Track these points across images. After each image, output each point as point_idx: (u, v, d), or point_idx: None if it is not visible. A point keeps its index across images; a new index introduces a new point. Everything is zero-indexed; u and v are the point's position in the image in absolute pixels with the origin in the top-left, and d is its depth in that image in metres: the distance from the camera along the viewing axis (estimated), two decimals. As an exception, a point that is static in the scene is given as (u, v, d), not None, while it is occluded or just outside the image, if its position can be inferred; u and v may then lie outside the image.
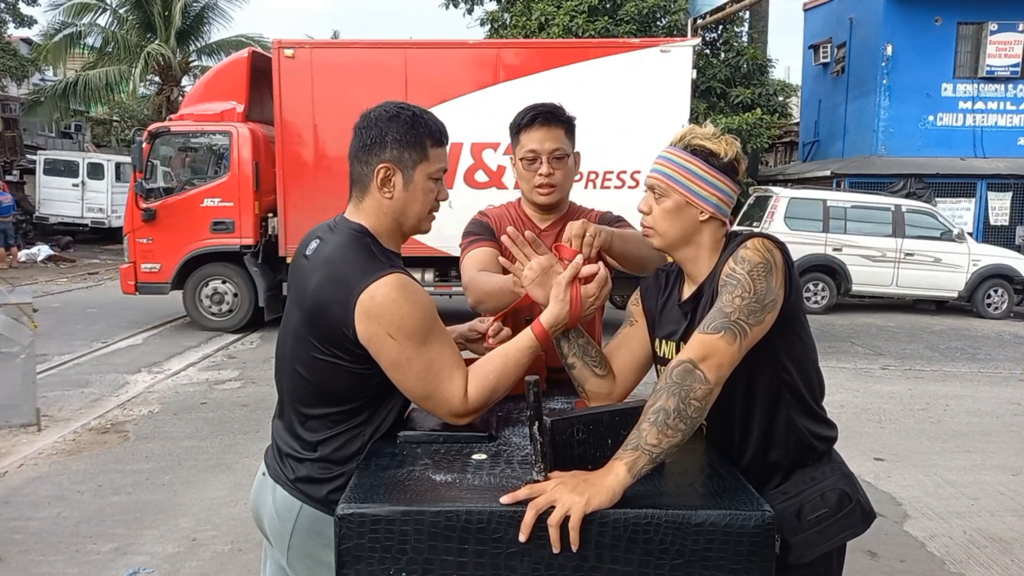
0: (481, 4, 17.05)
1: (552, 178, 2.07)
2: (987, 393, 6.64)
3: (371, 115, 1.55)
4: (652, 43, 8.45)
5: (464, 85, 8.33)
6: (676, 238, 1.56)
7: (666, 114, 8.13)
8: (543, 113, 2.06)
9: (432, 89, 8.19)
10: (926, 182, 15.15)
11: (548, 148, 2.05)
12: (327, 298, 1.44)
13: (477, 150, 8.35)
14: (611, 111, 8.15)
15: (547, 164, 2.06)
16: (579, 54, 8.48)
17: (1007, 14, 15.54)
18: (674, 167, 1.54)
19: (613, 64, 8.30)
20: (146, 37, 22.78)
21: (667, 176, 1.54)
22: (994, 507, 4.10)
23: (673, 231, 1.55)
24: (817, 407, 1.60)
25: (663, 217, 1.55)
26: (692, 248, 1.57)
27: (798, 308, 1.52)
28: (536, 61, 8.44)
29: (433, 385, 1.46)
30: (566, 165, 2.10)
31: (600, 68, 8.28)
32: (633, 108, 8.21)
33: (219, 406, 5.78)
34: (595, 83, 8.22)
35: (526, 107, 2.13)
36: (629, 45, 8.58)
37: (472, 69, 8.45)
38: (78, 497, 4.03)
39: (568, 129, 2.10)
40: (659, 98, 8.21)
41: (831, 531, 1.52)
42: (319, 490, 1.51)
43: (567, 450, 1.34)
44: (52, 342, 7.91)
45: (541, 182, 2.07)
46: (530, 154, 2.06)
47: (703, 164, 1.53)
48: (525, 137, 2.07)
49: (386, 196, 1.53)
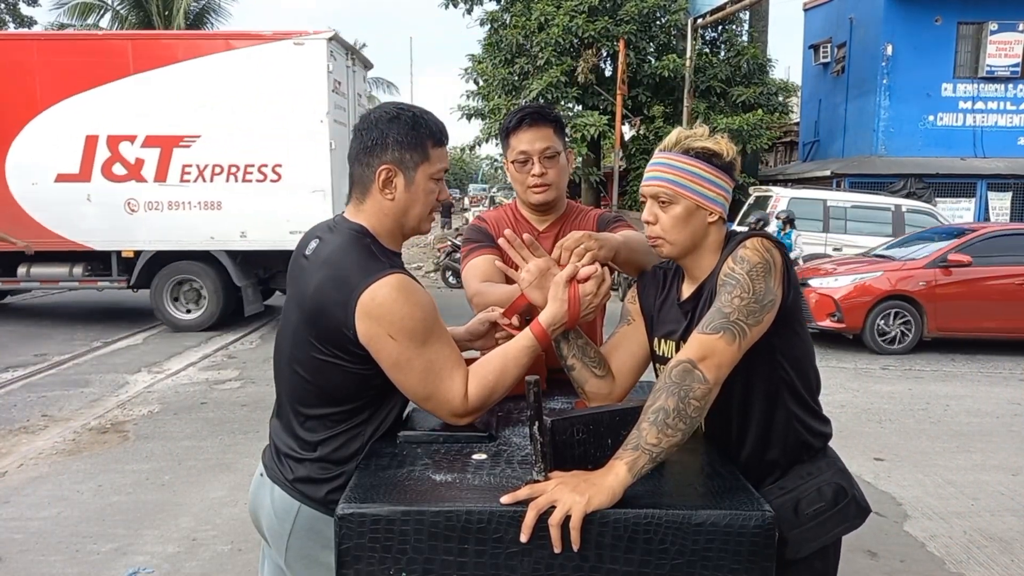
0: (481, 4, 17.06)
1: (545, 177, 2.07)
2: (987, 393, 6.64)
3: (371, 117, 1.55)
4: (285, 35, 8.41)
5: (98, 77, 8.29)
6: (687, 244, 1.55)
7: (304, 107, 8.20)
8: (530, 114, 2.06)
9: (65, 82, 8.23)
10: (926, 182, 15.16)
11: (539, 148, 2.05)
12: (328, 298, 1.44)
13: (113, 143, 8.34)
14: (250, 103, 8.24)
15: (539, 164, 2.06)
16: (215, 46, 8.48)
17: (1007, 14, 15.56)
18: (680, 173, 1.52)
19: (249, 56, 8.31)
20: (146, 37, 22.78)
21: (674, 182, 1.52)
22: (994, 507, 4.09)
23: (683, 238, 1.54)
24: (814, 404, 1.60)
25: (673, 225, 1.53)
26: (698, 250, 1.57)
27: (796, 307, 1.52)
28: (171, 53, 8.43)
29: (434, 385, 1.46)
30: (558, 163, 2.09)
31: (236, 60, 8.31)
32: (271, 100, 8.24)
33: (219, 406, 5.78)
34: (232, 75, 8.28)
35: (513, 110, 2.14)
36: (263, 37, 8.48)
37: (106, 61, 8.37)
38: (78, 497, 4.03)
39: (557, 127, 2.09)
40: (296, 91, 8.22)
41: (827, 526, 1.53)
42: (318, 490, 1.51)
43: (567, 450, 1.34)
44: (52, 342, 7.91)
45: (535, 182, 2.07)
46: (521, 156, 2.06)
47: (707, 166, 1.53)
48: (515, 140, 2.07)
49: (388, 197, 1.53)
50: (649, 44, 15.92)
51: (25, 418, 5.42)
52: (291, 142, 8.28)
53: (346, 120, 8.96)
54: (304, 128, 8.24)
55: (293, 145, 8.28)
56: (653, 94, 15.88)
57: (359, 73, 9.67)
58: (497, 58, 16.11)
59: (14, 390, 6.18)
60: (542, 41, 14.88)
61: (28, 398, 5.94)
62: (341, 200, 8.63)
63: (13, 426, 5.23)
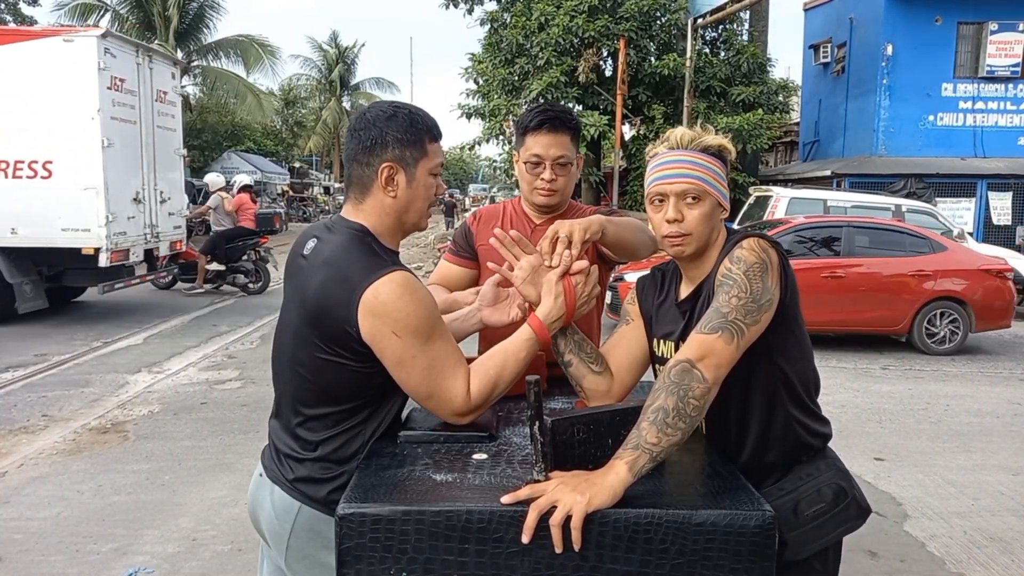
0: (481, 4, 17.05)
1: (554, 183, 2.06)
2: (987, 393, 6.64)
3: (367, 116, 1.55)
4: (55, 32, 8.31)
5: None
6: (707, 240, 1.55)
7: (75, 104, 8.11)
8: (551, 118, 2.04)
9: None
10: (926, 182, 15.15)
11: (553, 155, 2.04)
12: (330, 298, 1.44)
13: None
14: (19, 100, 8.15)
15: (550, 170, 2.05)
16: None
17: (1007, 14, 15.55)
18: (705, 170, 1.52)
19: (18, 52, 8.21)
20: (146, 36, 22.80)
21: (702, 180, 1.52)
22: (994, 507, 4.09)
23: (707, 235, 1.54)
24: (813, 404, 1.60)
25: (701, 221, 1.52)
26: (707, 249, 1.57)
27: (794, 307, 1.53)
28: None
29: (436, 383, 1.46)
30: (569, 172, 2.09)
31: (3, 56, 8.20)
32: (41, 97, 8.16)
33: (219, 406, 5.78)
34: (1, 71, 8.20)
35: (535, 108, 2.11)
36: (32, 34, 8.38)
37: None
38: (78, 497, 4.03)
39: (574, 135, 2.09)
40: (66, 88, 8.14)
41: (828, 527, 1.53)
42: (319, 490, 1.51)
43: (567, 450, 1.34)
44: (52, 342, 7.91)
45: (543, 187, 2.06)
46: (534, 158, 2.05)
47: (721, 164, 1.55)
48: (531, 140, 2.05)
49: (390, 195, 1.54)
50: (649, 44, 15.91)
51: (25, 418, 5.42)
52: (61, 139, 8.20)
53: (135, 118, 8.88)
54: (75, 125, 8.15)
55: (63, 143, 8.20)
56: (653, 94, 15.88)
57: (161, 70, 9.54)
58: (497, 58, 16.11)
59: (14, 390, 6.18)
60: (542, 41, 14.87)
61: (28, 398, 5.94)
62: (117, 198, 8.50)
63: (13, 426, 5.23)
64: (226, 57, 26.22)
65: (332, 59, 43.58)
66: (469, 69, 16.99)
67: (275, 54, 26.86)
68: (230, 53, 26.07)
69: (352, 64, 44.59)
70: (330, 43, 44.14)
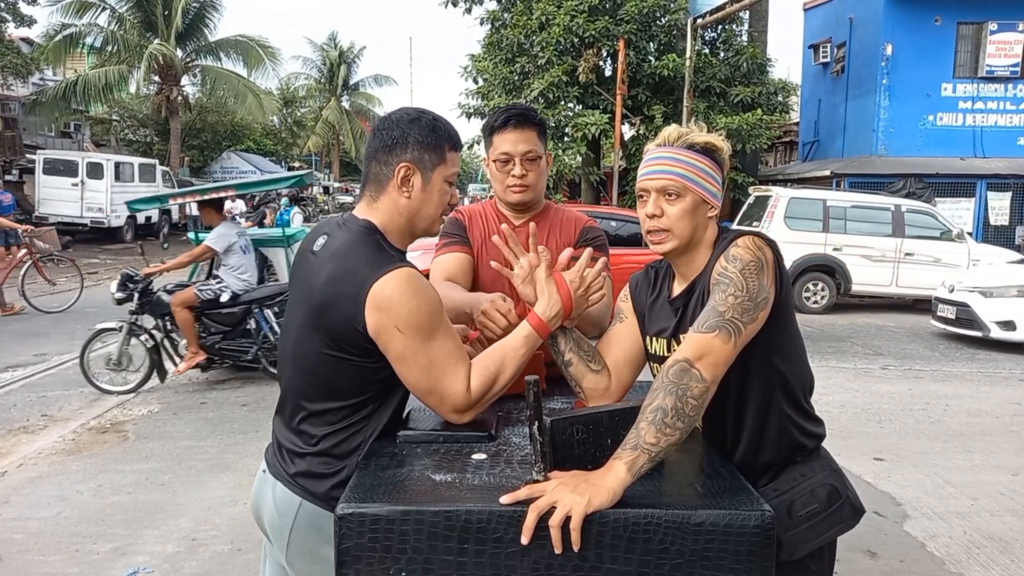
0: (481, 3, 17.03)
1: (525, 179, 2.09)
2: (987, 393, 6.64)
3: (392, 117, 1.59)
4: None
5: None
6: (689, 238, 1.56)
7: None
8: (516, 115, 2.08)
9: None
10: (926, 182, 15.15)
11: (521, 150, 2.07)
12: (337, 292, 1.45)
13: None
14: None
15: (520, 166, 2.08)
16: None
17: (1007, 14, 15.55)
18: (687, 167, 1.54)
19: None
20: (146, 36, 22.78)
21: (683, 176, 1.53)
22: (994, 507, 4.09)
23: (688, 231, 1.55)
24: (807, 404, 1.61)
25: (681, 217, 1.53)
26: (695, 246, 1.58)
27: (788, 305, 1.54)
28: None
29: (437, 380, 1.47)
30: (539, 167, 2.12)
31: None
32: None
33: (219, 406, 5.77)
34: None
35: (499, 109, 2.15)
36: None
37: None
38: (78, 497, 4.03)
39: (540, 131, 2.12)
40: None
41: (822, 527, 1.53)
42: (320, 485, 1.51)
43: (567, 450, 1.34)
44: (52, 342, 7.91)
45: (515, 183, 2.09)
46: (503, 156, 2.08)
47: (710, 161, 1.55)
48: (499, 139, 2.09)
49: (404, 195, 1.56)
50: (649, 44, 15.90)
51: (25, 418, 5.42)
52: None
53: None
54: None
55: None
56: (653, 94, 15.87)
57: None
58: (498, 57, 16.10)
59: (14, 390, 6.18)
60: (543, 41, 14.86)
61: (28, 398, 5.94)
62: None
63: (13, 426, 5.23)
64: (226, 57, 26.23)
65: (333, 60, 43.59)
66: (469, 68, 16.98)
67: (275, 55, 26.86)
68: (230, 53, 26.06)
69: (352, 64, 44.62)
70: (330, 44, 44.16)
